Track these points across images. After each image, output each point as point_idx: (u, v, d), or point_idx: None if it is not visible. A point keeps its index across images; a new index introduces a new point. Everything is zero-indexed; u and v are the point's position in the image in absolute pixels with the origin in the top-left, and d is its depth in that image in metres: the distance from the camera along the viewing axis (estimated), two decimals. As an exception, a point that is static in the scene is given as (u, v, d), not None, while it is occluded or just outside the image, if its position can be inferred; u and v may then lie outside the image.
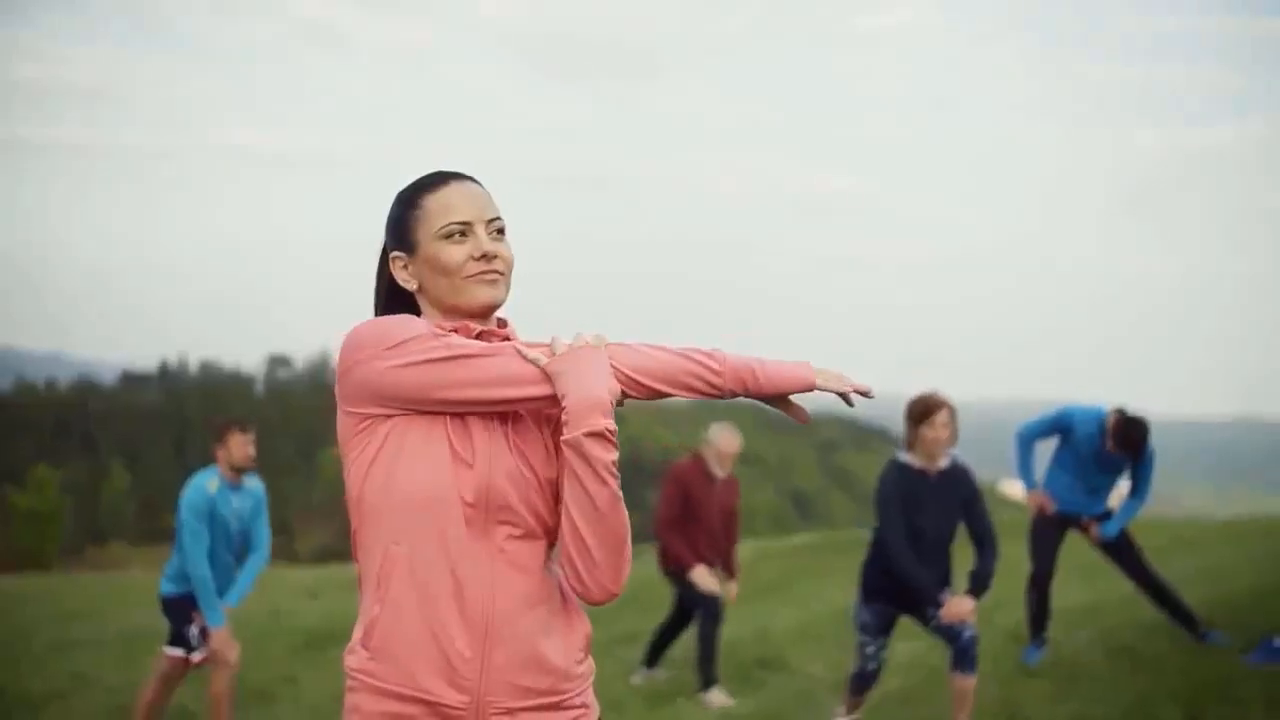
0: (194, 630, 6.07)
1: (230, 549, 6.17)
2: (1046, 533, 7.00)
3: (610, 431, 2.02)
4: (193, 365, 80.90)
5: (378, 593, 2.07)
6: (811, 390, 2.16)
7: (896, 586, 5.39)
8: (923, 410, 5.34)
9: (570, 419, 2.00)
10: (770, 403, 2.15)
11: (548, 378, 2.05)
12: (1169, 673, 6.33)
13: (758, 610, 10.04)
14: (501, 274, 2.14)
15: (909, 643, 7.24)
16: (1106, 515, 6.96)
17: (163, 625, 6.28)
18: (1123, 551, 6.98)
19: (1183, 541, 11.69)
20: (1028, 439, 6.99)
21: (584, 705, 2.16)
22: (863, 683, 5.72)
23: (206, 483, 6.05)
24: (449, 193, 2.14)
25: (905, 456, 5.43)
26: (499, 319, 2.20)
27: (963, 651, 5.31)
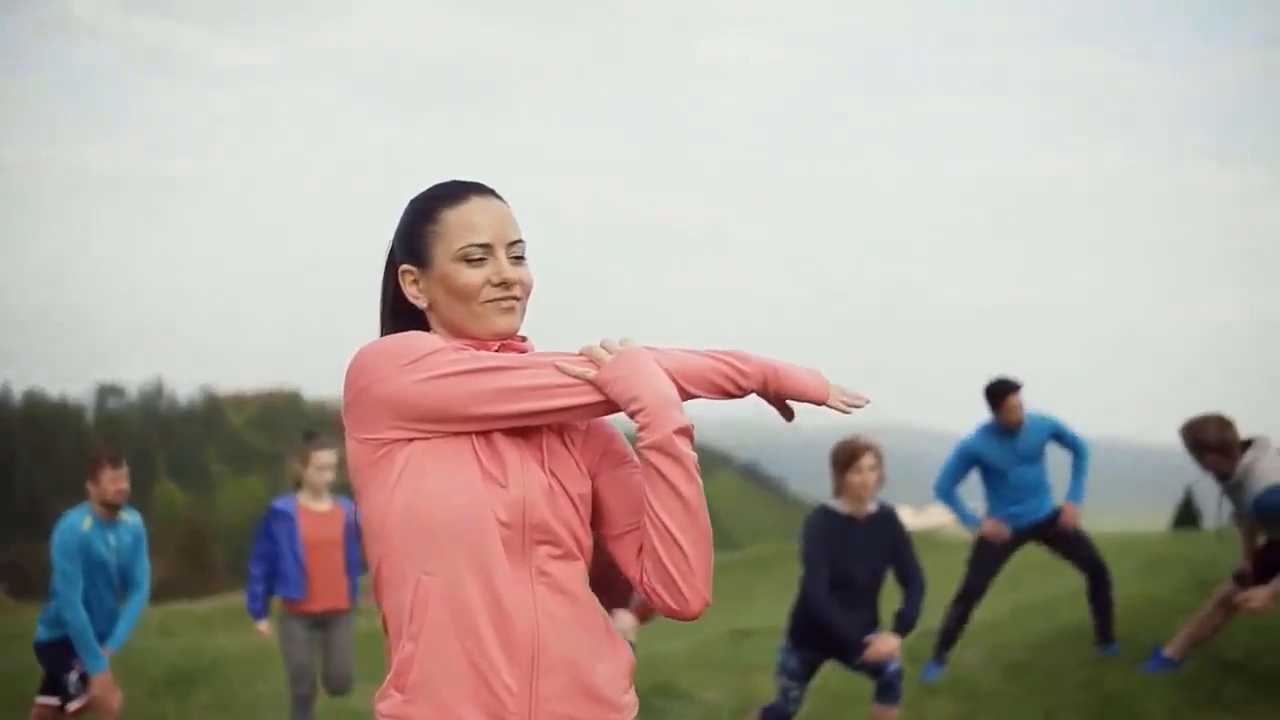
0: (73, 677, 5.68)
1: (110, 589, 5.80)
2: (993, 552, 7.05)
3: (692, 427, 1.92)
4: (16, 394, 77.12)
5: (410, 628, 1.90)
6: (822, 405, 2.08)
7: (824, 633, 5.33)
8: (848, 456, 5.25)
9: (652, 420, 1.88)
10: (770, 401, 2.07)
11: (589, 386, 1.92)
12: (1068, 687, 6.43)
13: (643, 637, 9.91)
14: (519, 299, 2.01)
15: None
16: (1057, 512, 7.02)
17: (25, 670, 5.89)
18: (1073, 542, 7.05)
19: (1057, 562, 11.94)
20: (947, 489, 7.05)
21: None
22: (776, 718, 5.64)
23: (79, 522, 5.68)
24: (470, 210, 2.00)
25: (833, 502, 5.36)
26: (519, 335, 2.07)
27: (888, 685, 5.26)
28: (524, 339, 2.07)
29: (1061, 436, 6.99)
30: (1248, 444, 5.76)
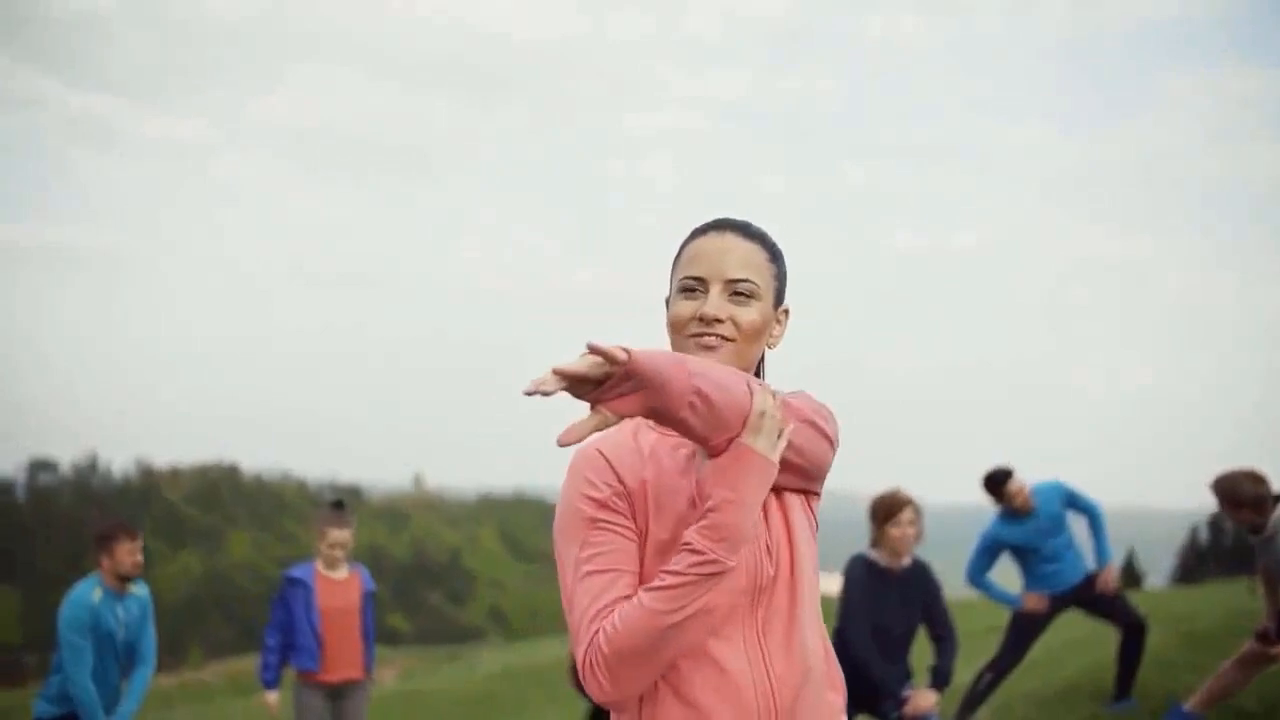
0: None
1: (117, 662, 5.66)
2: (1031, 623, 7.10)
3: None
4: (-56, 471, 75.08)
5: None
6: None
7: (856, 686, 5.29)
8: (888, 509, 5.34)
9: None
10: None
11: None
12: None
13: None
14: (727, 339, 1.88)
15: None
16: (1090, 577, 7.07)
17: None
18: (1110, 602, 7.08)
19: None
20: (978, 578, 7.11)
21: None
22: None
23: (89, 594, 5.54)
24: (701, 244, 1.95)
25: (871, 554, 5.41)
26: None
27: None
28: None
29: (1074, 502, 7.06)
30: (1279, 499, 5.81)
